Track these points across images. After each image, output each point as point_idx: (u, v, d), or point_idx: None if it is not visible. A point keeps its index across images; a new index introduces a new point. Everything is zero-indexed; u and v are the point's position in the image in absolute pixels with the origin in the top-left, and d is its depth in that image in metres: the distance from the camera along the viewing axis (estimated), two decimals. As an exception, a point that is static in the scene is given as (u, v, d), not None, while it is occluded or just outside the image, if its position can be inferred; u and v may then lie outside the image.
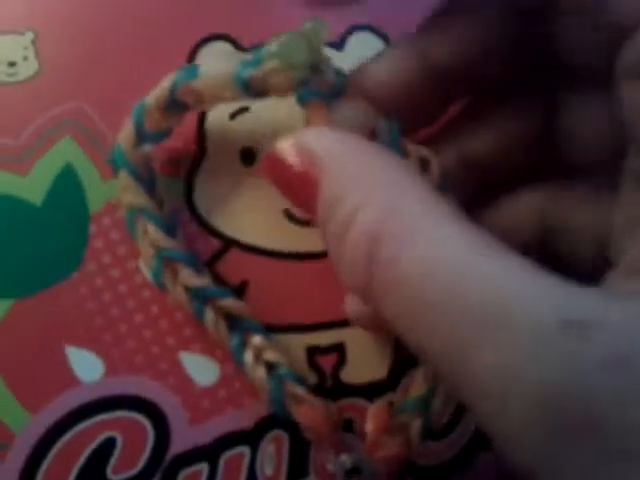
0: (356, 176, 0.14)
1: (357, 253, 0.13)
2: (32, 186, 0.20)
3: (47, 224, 0.20)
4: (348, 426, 0.20)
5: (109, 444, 0.19)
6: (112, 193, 0.21)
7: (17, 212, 0.20)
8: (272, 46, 0.17)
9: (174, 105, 0.19)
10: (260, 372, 0.18)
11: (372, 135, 0.17)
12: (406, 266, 0.13)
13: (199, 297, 0.19)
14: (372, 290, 0.13)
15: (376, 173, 0.14)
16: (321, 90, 0.17)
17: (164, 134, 0.19)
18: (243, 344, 0.19)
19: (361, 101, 0.18)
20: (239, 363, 0.19)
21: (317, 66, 0.17)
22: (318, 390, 0.20)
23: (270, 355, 0.19)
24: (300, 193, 0.16)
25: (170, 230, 0.19)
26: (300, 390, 0.18)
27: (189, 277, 0.19)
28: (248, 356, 0.19)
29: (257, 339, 0.19)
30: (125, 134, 0.19)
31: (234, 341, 0.19)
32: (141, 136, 0.19)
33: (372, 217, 0.13)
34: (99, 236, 0.20)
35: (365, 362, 0.20)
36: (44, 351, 0.19)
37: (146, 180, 0.19)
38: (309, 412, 0.18)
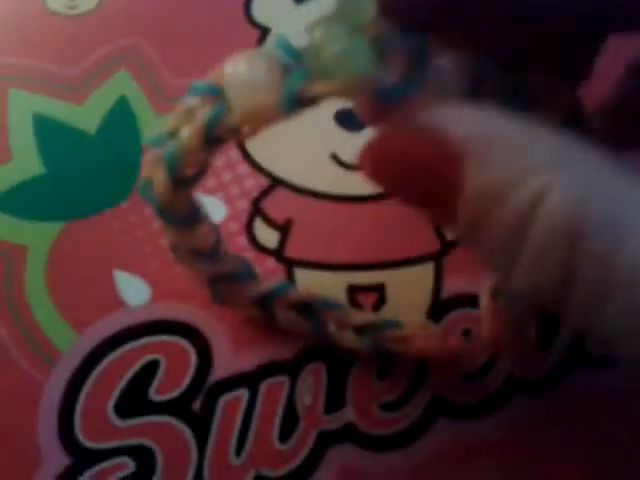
0: (520, 152, 0.11)
1: (551, 247, 0.11)
2: (87, 115, 0.21)
3: (100, 153, 0.21)
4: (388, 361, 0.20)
5: (152, 366, 0.19)
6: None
7: (71, 139, 0.21)
8: (322, 43, 0.12)
9: (211, 142, 0.14)
10: (350, 337, 0.19)
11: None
12: (632, 261, 0.10)
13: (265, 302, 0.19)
14: (573, 293, 0.11)
15: (539, 147, 0.11)
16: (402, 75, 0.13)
17: (202, 173, 0.15)
18: (321, 324, 0.19)
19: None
20: (325, 340, 0.19)
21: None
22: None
23: (354, 319, 0.19)
24: (428, 187, 0.12)
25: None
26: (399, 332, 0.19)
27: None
28: (333, 331, 0.19)
29: (336, 313, 0.19)
30: (158, 182, 0.15)
31: (315, 328, 0.19)
32: (177, 181, 0.15)
33: (567, 201, 0.11)
34: (150, 168, 0.21)
35: (404, 303, 0.21)
36: (93, 274, 0.20)
37: (187, 218, 0.16)
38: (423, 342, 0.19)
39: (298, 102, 0.13)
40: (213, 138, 0.14)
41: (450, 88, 0.14)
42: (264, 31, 0.22)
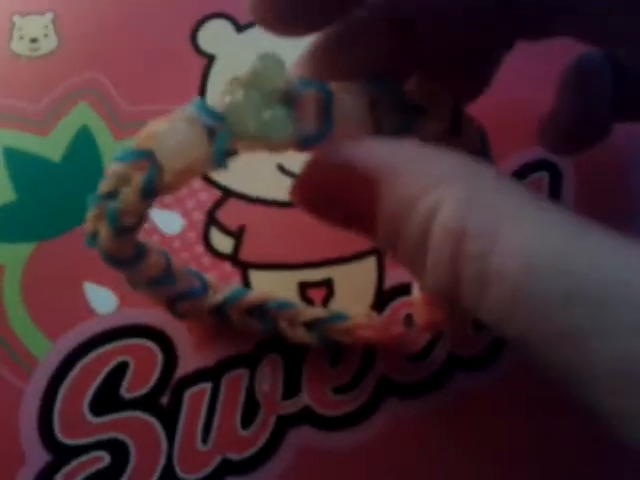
0: (419, 174, 0.13)
1: (441, 254, 0.12)
2: (52, 145, 0.23)
3: (66, 178, 0.23)
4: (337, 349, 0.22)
5: (122, 367, 0.21)
6: (123, 151, 0.23)
7: (40, 168, 0.23)
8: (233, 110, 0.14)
9: (148, 199, 0.15)
10: (300, 332, 0.21)
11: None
12: (500, 259, 0.12)
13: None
14: (461, 290, 0.12)
15: (437, 166, 0.13)
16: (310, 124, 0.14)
17: (141, 221, 0.17)
18: (274, 323, 0.21)
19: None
20: (278, 336, 0.21)
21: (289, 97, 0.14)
22: (309, 320, 0.22)
23: (303, 316, 0.21)
24: (350, 213, 0.14)
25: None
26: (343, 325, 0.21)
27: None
28: (285, 328, 0.21)
29: (286, 312, 0.21)
30: (103, 235, 0.16)
31: (268, 327, 0.21)
32: (119, 231, 0.16)
33: (452, 213, 0.12)
34: (112, 188, 0.23)
35: (350, 295, 0.23)
36: (64, 286, 0.22)
37: (133, 257, 0.18)
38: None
39: (226, 157, 0.14)
40: (150, 196, 0.15)
41: (354, 117, 0.15)
42: (210, 59, 0.25)
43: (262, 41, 0.17)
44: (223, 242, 0.23)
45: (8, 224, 0.22)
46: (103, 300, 0.22)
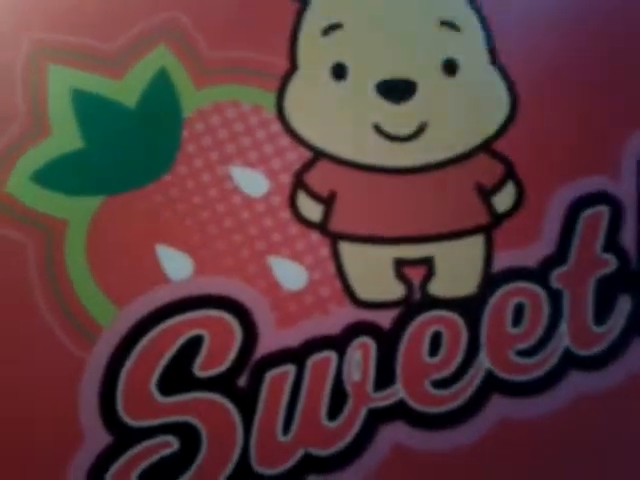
0: None
1: None
2: (126, 89, 0.21)
3: (141, 126, 0.20)
4: (437, 338, 0.19)
5: (196, 342, 0.19)
6: (204, 100, 0.21)
7: (111, 113, 0.20)
8: None
9: None
10: None
11: None
12: None
13: None
14: None
15: None
16: None
17: None
18: None
19: None
20: None
21: None
22: (405, 302, 0.20)
23: None
24: None
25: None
26: None
27: None
28: None
29: None
30: None
31: None
32: None
33: None
34: (191, 141, 0.20)
35: (454, 276, 0.20)
36: (134, 248, 0.19)
37: None
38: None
39: None
40: None
41: None
42: (303, 3, 0.22)
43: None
44: (312, 209, 0.20)
45: (74, 175, 0.20)
46: (177, 265, 0.19)
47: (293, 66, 0.21)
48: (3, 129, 0.20)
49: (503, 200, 0.20)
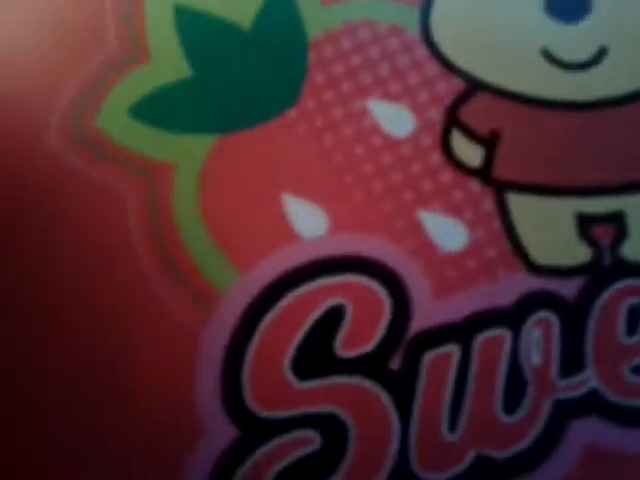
0: None
1: None
2: (240, 6, 0.17)
3: (258, 51, 0.17)
4: (635, 312, 0.15)
5: (337, 314, 0.15)
6: (333, 20, 0.17)
7: (223, 35, 0.17)
8: None
9: None
10: None
11: None
12: None
13: None
14: None
15: None
16: None
17: None
18: None
19: None
20: None
21: None
22: (593, 268, 0.16)
23: None
24: None
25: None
26: None
27: None
28: None
29: None
30: None
31: None
32: None
33: None
34: (319, 69, 0.17)
35: (652, 236, 0.16)
36: (255, 198, 0.16)
37: None
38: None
39: None
40: None
41: None
42: None
43: None
44: (470, 152, 0.16)
45: (181, 109, 0.16)
46: (309, 219, 0.16)
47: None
48: (91, 53, 0.16)
49: None
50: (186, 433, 0.14)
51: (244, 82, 0.16)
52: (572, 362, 0.15)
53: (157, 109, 0.16)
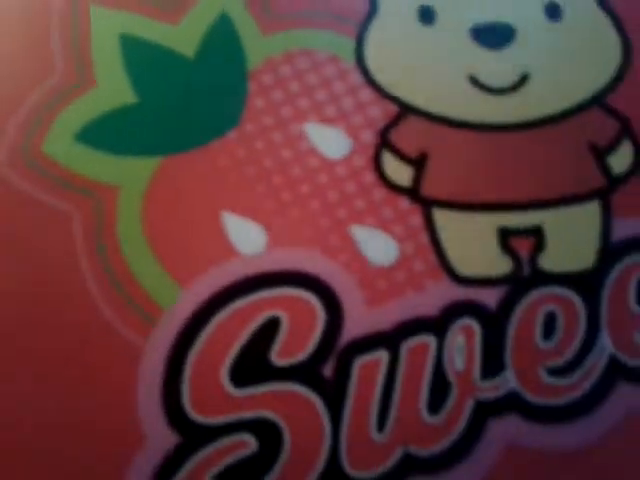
0: None
1: None
2: (184, 35, 0.18)
3: (200, 78, 0.18)
4: (551, 318, 0.17)
5: (273, 325, 0.16)
6: (273, 49, 0.18)
7: (167, 63, 0.18)
8: None
9: None
10: None
11: None
12: None
13: None
14: None
15: None
16: None
17: None
18: None
19: None
20: None
21: None
22: (513, 278, 0.17)
23: None
24: None
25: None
26: None
27: None
28: None
29: None
30: None
31: None
32: None
33: None
34: (259, 95, 0.18)
35: (567, 248, 0.17)
36: (196, 217, 0.17)
37: None
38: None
39: None
40: None
41: None
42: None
43: None
44: (400, 171, 0.17)
45: (125, 133, 0.17)
46: (248, 236, 0.17)
47: (373, 8, 0.19)
48: (38, 80, 0.17)
49: (619, 161, 0.18)
50: (129, 439, 0.15)
51: (186, 107, 0.17)
52: (492, 365, 0.16)
53: (103, 133, 0.17)
